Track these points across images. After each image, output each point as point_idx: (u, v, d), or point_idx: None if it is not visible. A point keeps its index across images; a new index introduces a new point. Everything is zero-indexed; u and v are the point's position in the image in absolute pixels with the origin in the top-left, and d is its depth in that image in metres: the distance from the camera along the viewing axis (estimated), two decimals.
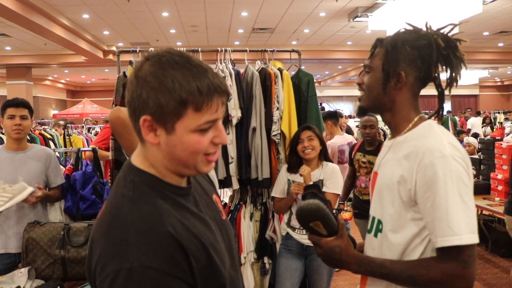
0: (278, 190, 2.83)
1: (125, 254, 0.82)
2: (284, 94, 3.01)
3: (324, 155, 2.80)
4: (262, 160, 2.95)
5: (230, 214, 3.10)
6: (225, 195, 3.75)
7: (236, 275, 1.07)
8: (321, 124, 3.08)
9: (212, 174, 1.96)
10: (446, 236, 1.09)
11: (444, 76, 1.28)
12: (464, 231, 1.09)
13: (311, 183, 2.61)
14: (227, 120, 2.93)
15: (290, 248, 2.76)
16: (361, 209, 3.71)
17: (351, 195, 4.10)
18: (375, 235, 1.30)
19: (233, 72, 3.00)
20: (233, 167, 2.97)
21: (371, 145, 3.79)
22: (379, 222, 1.29)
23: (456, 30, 1.31)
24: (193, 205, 0.99)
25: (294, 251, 2.74)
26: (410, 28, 1.31)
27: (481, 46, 14.14)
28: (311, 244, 1.19)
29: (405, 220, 1.20)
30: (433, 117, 1.31)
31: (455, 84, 1.26)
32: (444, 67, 1.26)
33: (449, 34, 1.27)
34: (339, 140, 4.54)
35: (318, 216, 1.21)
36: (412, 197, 1.18)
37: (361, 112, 1.37)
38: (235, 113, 2.94)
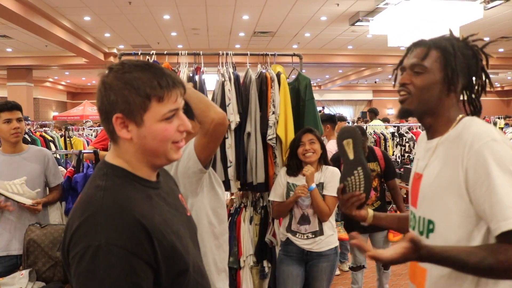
0: (277, 194, 2.77)
1: (94, 233, 0.93)
2: (280, 98, 2.98)
3: (324, 159, 2.77)
4: (257, 165, 2.94)
5: (230, 217, 3.07)
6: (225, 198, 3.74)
7: (203, 267, 1.20)
8: (320, 128, 3.06)
9: (216, 176, 1.96)
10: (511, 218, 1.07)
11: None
12: None
13: (313, 184, 2.61)
14: None
15: (290, 254, 2.71)
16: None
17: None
18: (427, 236, 1.29)
19: (232, 77, 2.99)
20: (231, 171, 2.96)
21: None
22: (430, 222, 1.28)
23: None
24: (161, 198, 1.11)
25: (295, 257, 2.70)
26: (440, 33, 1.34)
27: None
28: (312, 249, 1.19)
29: (459, 217, 1.19)
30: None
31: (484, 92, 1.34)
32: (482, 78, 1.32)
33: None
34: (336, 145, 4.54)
35: (352, 135, 1.56)
36: (463, 188, 1.17)
37: (405, 114, 1.35)
38: (234, 118, 2.92)
